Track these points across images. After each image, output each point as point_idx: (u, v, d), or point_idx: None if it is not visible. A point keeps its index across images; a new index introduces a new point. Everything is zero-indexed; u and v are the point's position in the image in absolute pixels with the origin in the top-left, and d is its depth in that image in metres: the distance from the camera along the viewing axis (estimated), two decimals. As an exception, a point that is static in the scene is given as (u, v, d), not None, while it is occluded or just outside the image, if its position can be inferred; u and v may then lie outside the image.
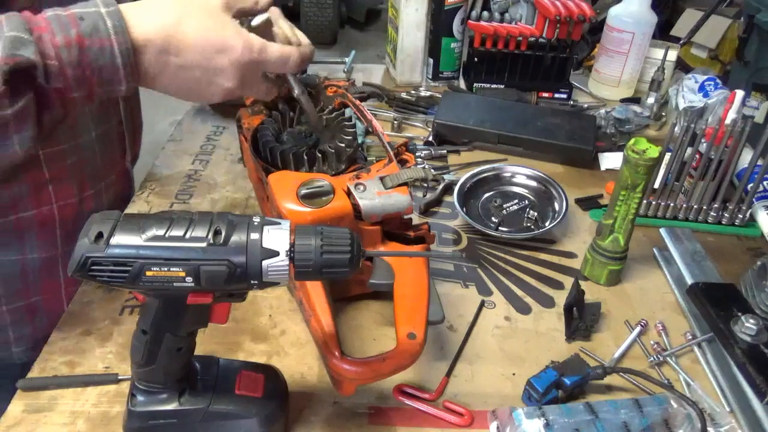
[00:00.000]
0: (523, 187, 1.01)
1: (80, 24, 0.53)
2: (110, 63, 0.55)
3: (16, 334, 0.83)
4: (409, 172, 0.72)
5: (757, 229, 0.95)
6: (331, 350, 0.60)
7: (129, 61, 0.55)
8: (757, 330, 0.71)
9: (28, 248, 0.78)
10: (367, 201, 0.69)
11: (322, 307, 0.65)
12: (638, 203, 0.77)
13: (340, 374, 0.59)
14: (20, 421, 0.62)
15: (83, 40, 0.53)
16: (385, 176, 0.71)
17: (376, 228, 0.71)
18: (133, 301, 0.77)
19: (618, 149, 1.13)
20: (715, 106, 1.11)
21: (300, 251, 0.48)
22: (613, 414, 0.61)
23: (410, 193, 0.71)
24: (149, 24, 0.57)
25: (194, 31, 0.59)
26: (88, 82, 0.55)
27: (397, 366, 0.60)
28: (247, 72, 0.62)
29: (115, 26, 0.54)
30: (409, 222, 0.76)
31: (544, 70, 1.29)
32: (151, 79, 0.60)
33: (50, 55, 0.53)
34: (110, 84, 0.56)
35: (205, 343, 0.70)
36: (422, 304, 0.65)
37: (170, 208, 0.93)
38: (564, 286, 0.84)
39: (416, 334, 0.61)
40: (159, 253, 0.47)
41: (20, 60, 0.51)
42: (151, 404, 0.57)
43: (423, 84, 1.36)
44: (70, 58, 0.53)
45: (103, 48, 0.54)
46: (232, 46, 0.60)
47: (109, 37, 0.54)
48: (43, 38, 0.52)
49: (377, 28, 4.50)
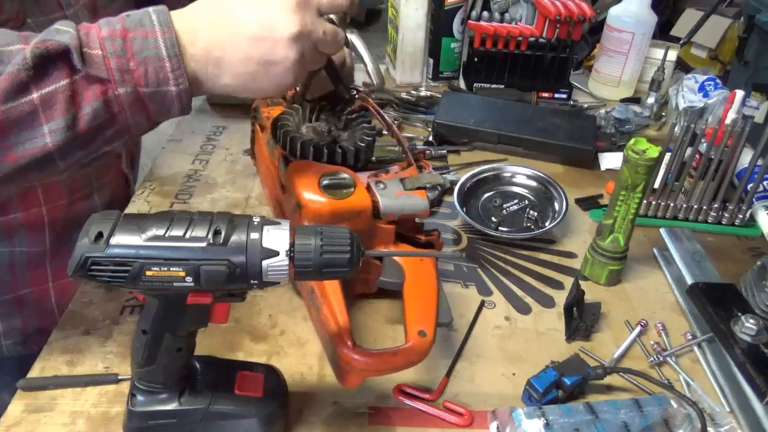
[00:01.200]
0: (523, 187, 1.01)
1: (126, 19, 0.53)
2: (155, 55, 0.53)
3: (6, 327, 0.83)
4: (428, 177, 0.74)
5: (757, 229, 0.95)
6: (344, 339, 0.60)
7: (174, 53, 0.53)
8: (757, 330, 0.71)
9: (17, 242, 0.79)
10: (387, 199, 0.70)
11: (336, 296, 0.64)
12: (638, 203, 0.77)
13: (349, 364, 0.59)
14: (20, 421, 0.62)
15: (127, 32, 0.53)
16: (405, 178, 0.73)
17: (391, 227, 0.71)
18: (133, 301, 0.77)
19: (618, 149, 1.13)
20: (715, 106, 1.11)
21: (300, 251, 0.48)
22: (613, 414, 0.61)
23: (428, 197, 0.72)
24: (195, 24, 0.55)
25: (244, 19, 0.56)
26: (132, 75, 0.53)
27: (408, 361, 0.60)
28: (303, 15, 0.57)
29: (160, 20, 0.54)
30: (421, 226, 0.77)
31: (544, 70, 1.29)
32: (204, 77, 0.56)
33: (94, 45, 0.52)
34: (157, 83, 0.53)
35: (205, 343, 0.70)
36: (432, 304, 0.66)
37: (170, 208, 0.93)
38: (564, 286, 0.84)
39: (426, 332, 0.61)
40: (159, 253, 0.47)
41: (51, 44, 0.50)
42: (151, 404, 0.57)
43: (423, 84, 1.36)
44: (114, 48, 0.52)
45: (146, 39, 0.53)
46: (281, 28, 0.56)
47: (154, 29, 0.53)
48: (90, 33, 0.52)
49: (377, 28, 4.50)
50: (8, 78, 0.50)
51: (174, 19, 0.54)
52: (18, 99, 0.51)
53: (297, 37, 0.56)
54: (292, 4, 0.56)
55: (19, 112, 0.51)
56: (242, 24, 0.55)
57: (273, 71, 0.57)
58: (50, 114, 0.52)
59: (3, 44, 0.51)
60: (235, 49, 0.55)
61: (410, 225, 0.75)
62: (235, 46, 0.55)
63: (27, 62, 0.50)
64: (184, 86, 0.54)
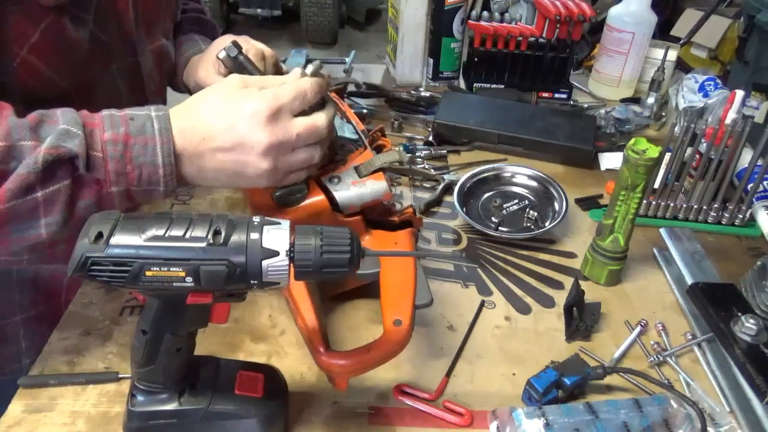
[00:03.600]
0: (523, 187, 1.01)
1: (129, 123, 0.57)
2: (151, 162, 0.57)
3: (27, 343, 0.83)
4: (382, 158, 0.70)
5: (757, 229, 0.95)
6: (316, 346, 0.60)
7: (169, 162, 0.57)
8: (757, 330, 0.71)
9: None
10: (343, 192, 0.68)
11: (304, 304, 0.64)
12: (638, 203, 0.77)
13: (327, 369, 0.59)
14: (20, 421, 0.62)
15: (129, 137, 0.56)
16: (360, 165, 0.70)
17: (357, 218, 0.70)
18: (133, 301, 0.76)
19: (618, 149, 1.13)
20: (715, 106, 1.11)
21: (300, 251, 0.48)
22: (613, 414, 0.61)
23: (386, 178, 0.70)
24: (183, 136, 0.59)
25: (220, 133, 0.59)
26: (127, 177, 0.57)
27: (384, 354, 0.60)
28: (273, 127, 0.59)
29: (161, 128, 0.57)
30: (391, 208, 0.75)
31: (544, 70, 1.29)
32: (190, 178, 0.61)
33: (96, 147, 0.56)
34: (149, 183, 0.58)
35: (205, 343, 0.70)
36: (408, 289, 0.65)
37: (170, 208, 0.93)
38: (564, 286, 0.84)
39: (402, 321, 0.61)
40: (159, 253, 0.47)
41: (63, 151, 0.54)
42: (151, 404, 0.57)
43: (423, 84, 1.36)
44: (115, 152, 0.56)
45: (146, 147, 0.56)
46: (251, 143, 0.59)
47: (154, 136, 0.57)
48: (94, 132, 0.56)
49: (377, 28, 4.50)
50: (18, 179, 0.54)
51: (173, 124, 0.58)
52: (23, 197, 0.54)
53: (267, 151, 0.59)
54: (263, 118, 0.59)
55: (23, 209, 0.55)
56: (216, 138, 0.59)
57: (248, 178, 0.61)
58: (49, 210, 0.56)
59: (16, 138, 0.54)
60: (212, 158, 0.60)
61: (379, 209, 0.73)
62: (212, 156, 0.60)
63: (38, 166, 0.53)
64: (172, 186, 0.60)
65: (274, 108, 0.59)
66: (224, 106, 0.60)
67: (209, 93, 0.62)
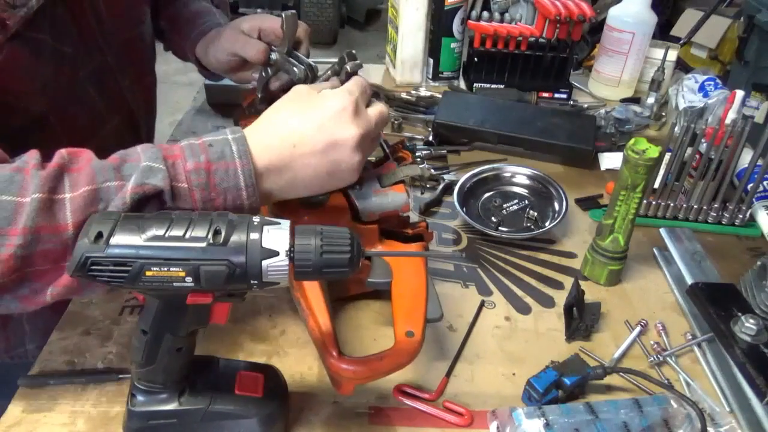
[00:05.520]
0: (523, 187, 1.01)
1: (209, 150, 0.57)
2: (234, 185, 0.57)
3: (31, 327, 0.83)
4: (405, 170, 0.72)
5: (757, 229, 0.95)
6: (329, 350, 0.60)
7: (251, 182, 0.58)
8: (757, 330, 0.71)
9: None
10: (364, 200, 0.69)
11: (319, 306, 0.64)
12: (638, 203, 0.77)
13: (337, 374, 0.59)
14: (20, 421, 0.62)
15: (210, 164, 0.56)
16: (383, 174, 0.72)
17: (374, 227, 0.71)
18: (133, 301, 0.77)
19: (618, 149, 1.13)
20: (715, 106, 1.11)
21: (300, 251, 0.48)
22: (613, 414, 0.61)
23: (407, 190, 0.71)
24: (270, 151, 0.59)
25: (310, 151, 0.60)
26: (213, 203, 0.57)
27: (395, 364, 0.60)
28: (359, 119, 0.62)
29: (239, 151, 0.57)
30: (406, 220, 0.76)
31: (544, 70, 1.29)
32: (278, 193, 0.62)
33: (181, 179, 0.56)
34: (234, 207, 0.58)
35: (205, 343, 0.70)
36: (420, 302, 0.65)
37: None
38: (564, 286, 0.84)
39: (414, 332, 0.61)
40: (159, 253, 0.47)
41: (148, 188, 0.54)
42: (151, 404, 0.57)
43: (423, 84, 1.36)
44: (199, 181, 0.56)
45: (228, 171, 0.57)
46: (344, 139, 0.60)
47: (234, 160, 0.57)
48: (176, 164, 0.56)
49: (377, 28, 4.50)
50: None
51: (250, 144, 0.58)
52: None
53: (360, 143, 0.61)
54: (348, 114, 0.61)
55: None
56: (308, 143, 0.60)
57: (341, 176, 0.62)
58: None
59: (101, 181, 0.54)
60: (305, 165, 0.60)
61: (395, 221, 0.74)
62: (305, 162, 0.60)
63: (126, 206, 0.53)
64: (256, 203, 0.59)
65: (353, 102, 0.61)
66: (306, 111, 0.61)
67: (282, 104, 0.63)
